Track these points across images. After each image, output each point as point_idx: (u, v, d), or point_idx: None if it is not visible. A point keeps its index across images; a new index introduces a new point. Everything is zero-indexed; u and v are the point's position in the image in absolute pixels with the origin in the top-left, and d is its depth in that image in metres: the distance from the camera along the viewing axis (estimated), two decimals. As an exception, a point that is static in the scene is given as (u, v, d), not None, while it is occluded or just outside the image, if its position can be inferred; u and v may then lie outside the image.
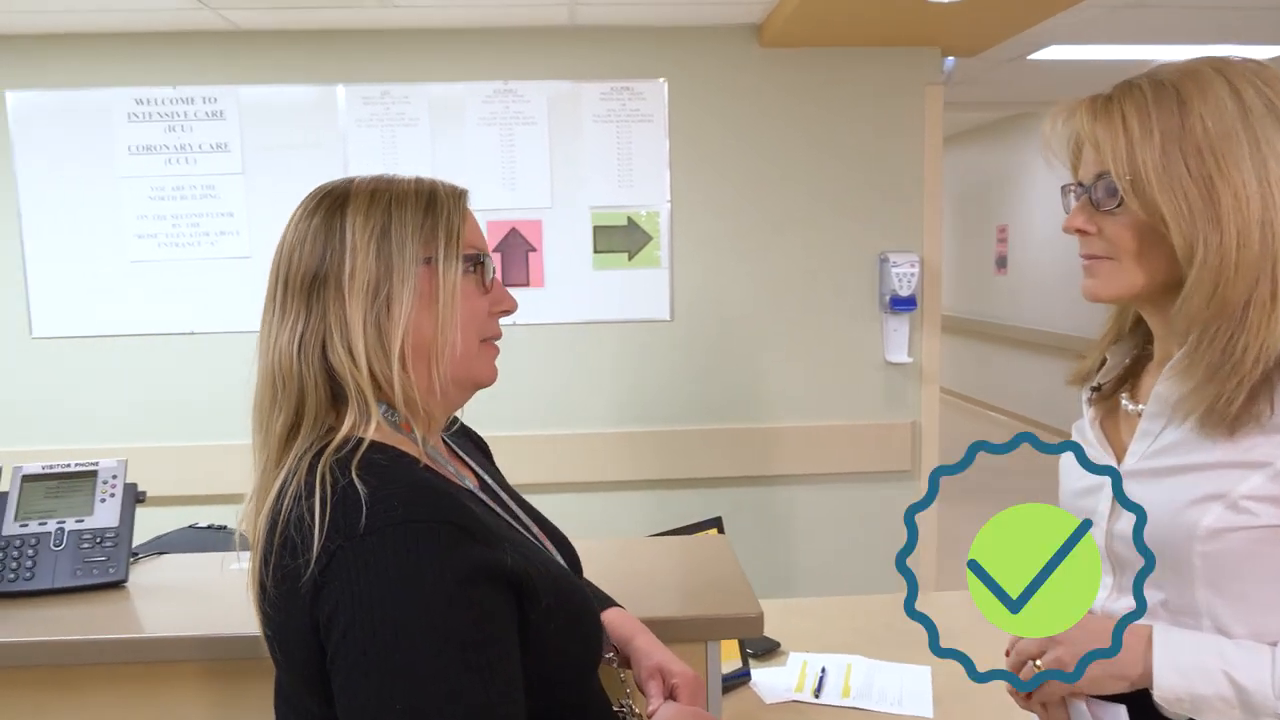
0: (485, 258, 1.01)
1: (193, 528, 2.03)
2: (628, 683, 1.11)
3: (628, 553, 1.59)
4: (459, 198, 1.00)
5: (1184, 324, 0.94)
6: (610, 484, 3.00)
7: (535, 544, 1.03)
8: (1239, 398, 0.89)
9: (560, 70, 2.90)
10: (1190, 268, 0.92)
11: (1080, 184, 1.01)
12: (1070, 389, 1.16)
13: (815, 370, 3.01)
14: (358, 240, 0.93)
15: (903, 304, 2.93)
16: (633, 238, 2.95)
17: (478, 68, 2.88)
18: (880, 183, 2.97)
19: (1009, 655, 1.01)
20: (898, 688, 1.66)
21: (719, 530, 1.73)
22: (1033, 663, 0.97)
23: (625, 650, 1.11)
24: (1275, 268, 0.90)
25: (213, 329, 2.90)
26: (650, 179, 2.93)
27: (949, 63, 3.03)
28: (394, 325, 0.93)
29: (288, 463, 0.92)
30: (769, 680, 1.69)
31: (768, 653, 1.79)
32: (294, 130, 2.87)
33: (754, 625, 1.31)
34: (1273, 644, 0.91)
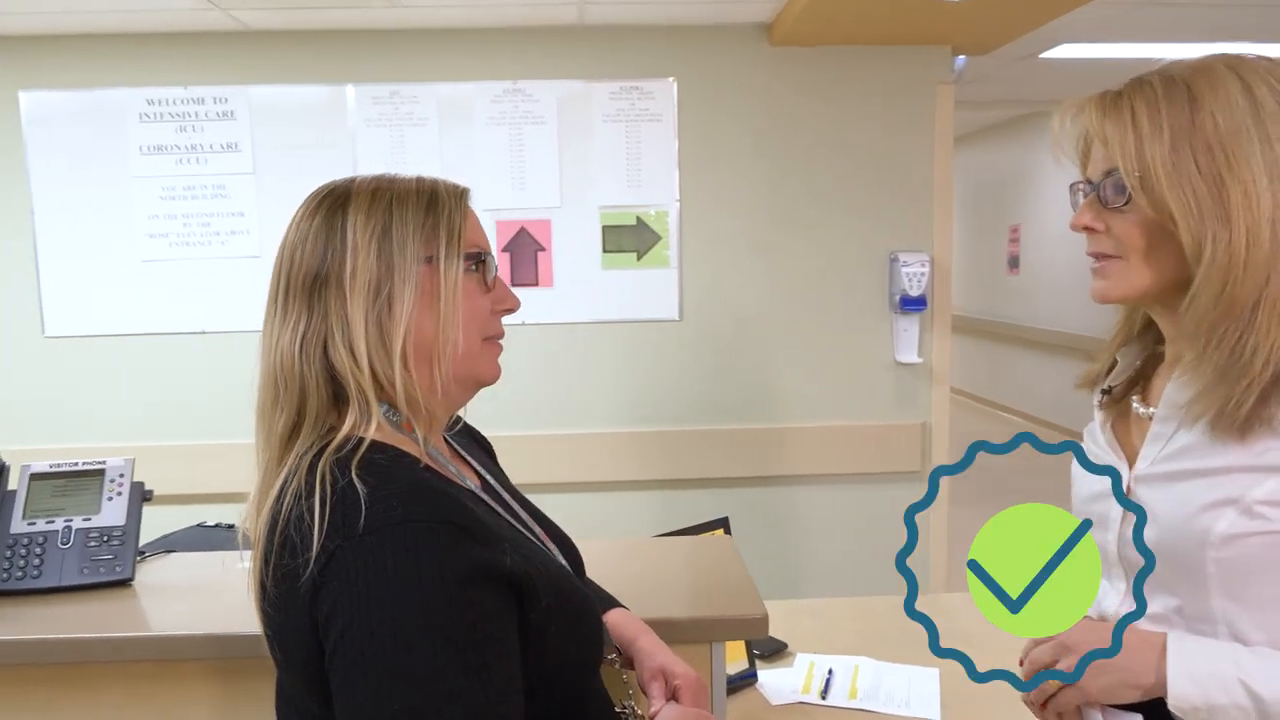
0: (487, 256, 1.00)
1: (200, 526, 2.04)
2: (630, 684, 1.11)
3: (633, 553, 1.59)
4: (460, 196, 1.00)
5: (1192, 324, 0.92)
6: (618, 484, 3.00)
7: (536, 544, 1.03)
8: (1249, 400, 0.88)
9: (569, 70, 2.90)
10: (1199, 266, 0.90)
11: (1089, 181, 0.99)
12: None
13: (824, 370, 3.00)
14: (359, 239, 0.93)
15: (913, 304, 2.91)
16: (642, 237, 2.95)
17: (487, 67, 2.88)
18: (890, 182, 2.96)
19: (1022, 664, 1.00)
20: (905, 689, 1.65)
21: (725, 531, 1.73)
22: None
23: (628, 651, 1.11)
24: None
25: (223, 328, 2.91)
26: (659, 178, 2.93)
27: (960, 61, 3.01)
28: (395, 324, 0.93)
29: (289, 462, 0.92)
30: (776, 681, 1.69)
31: (775, 654, 1.78)
32: (304, 130, 2.88)
33: (758, 627, 1.30)
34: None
